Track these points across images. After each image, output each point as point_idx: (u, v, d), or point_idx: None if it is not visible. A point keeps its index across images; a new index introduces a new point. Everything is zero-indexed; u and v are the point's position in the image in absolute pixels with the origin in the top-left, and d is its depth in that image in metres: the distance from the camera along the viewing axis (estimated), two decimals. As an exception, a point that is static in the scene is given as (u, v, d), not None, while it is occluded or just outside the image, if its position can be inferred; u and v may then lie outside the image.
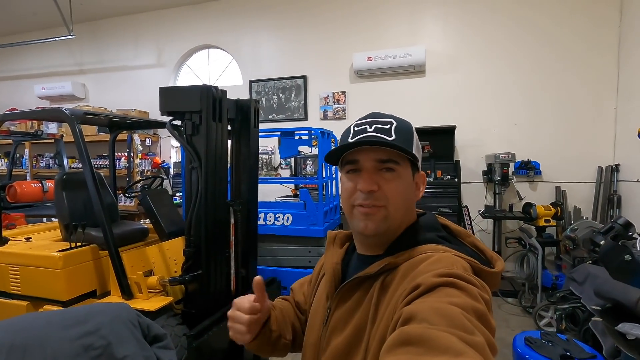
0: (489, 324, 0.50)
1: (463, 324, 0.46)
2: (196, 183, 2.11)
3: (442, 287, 0.53)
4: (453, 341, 0.43)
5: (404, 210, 0.69)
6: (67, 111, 2.20)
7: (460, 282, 0.54)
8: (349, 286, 0.69)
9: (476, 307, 0.50)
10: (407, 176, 0.68)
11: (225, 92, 2.20)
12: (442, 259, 0.60)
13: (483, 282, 0.58)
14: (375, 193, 0.66)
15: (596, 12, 3.94)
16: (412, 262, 0.63)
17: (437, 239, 0.67)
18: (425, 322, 0.46)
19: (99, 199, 2.13)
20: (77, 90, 6.06)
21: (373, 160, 0.67)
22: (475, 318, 0.49)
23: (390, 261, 0.64)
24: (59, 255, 2.21)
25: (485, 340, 0.45)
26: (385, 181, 0.66)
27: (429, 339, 0.43)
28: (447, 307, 0.48)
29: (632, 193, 3.64)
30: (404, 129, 0.68)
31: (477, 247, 0.69)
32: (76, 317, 1.03)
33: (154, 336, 1.22)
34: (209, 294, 2.19)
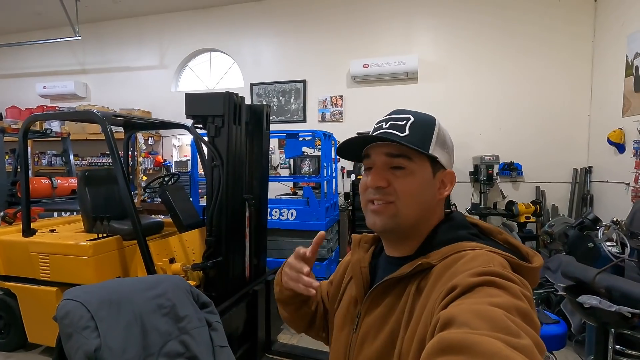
0: (534, 323, 0.47)
1: (507, 326, 0.43)
2: (218, 180, 2.36)
3: (481, 287, 0.50)
4: (498, 346, 0.39)
5: (417, 209, 0.66)
6: (99, 113, 2.41)
7: (500, 281, 0.51)
8: (380, 289, 0.66)
9: (519, 306, 0.47)
10: (423, 173, 0.66)
11: (243, 99, 2.45)
12: (478, 257, 0.57)
13: (523, 279, 0.55)
14: (384, 189, 0.65)
15: (573, 29, 4.32)
16: (446, 262, 0.60)
17: (469, 236, 0.64)
18: (466, 327, 0.43)
19: (128, 194, 2.35)
20: (79, 89, 6.19)
21: (383, 156, 0.66)
22: (520, 318, 0.45)
23: (423, 261, 0.62)
24: (89, 245, 2.43)
25: (532, 342, 0.42)
26: (395, 177, 0.65)
27: (471, 345, 0.40)
28: (489, 308, 0.45)
29: (603, 192, 4.02)
30: (422, 125, 0.67)
31: (510, 244, 0.66)
32: (149, 282, 1.29)
33: (203, 303, 1.49)
34: (227, 279, 2.44)
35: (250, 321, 2.54)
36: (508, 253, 0.60)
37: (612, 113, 3.81)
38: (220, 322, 1.45)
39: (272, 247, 3.51)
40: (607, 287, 1.71)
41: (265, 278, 2.74)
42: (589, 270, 1.83)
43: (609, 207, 3.85)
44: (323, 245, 3.49)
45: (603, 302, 1.68)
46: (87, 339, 0.99)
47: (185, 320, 1.31)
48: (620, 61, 3.67)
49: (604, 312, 1.68)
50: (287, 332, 3.09)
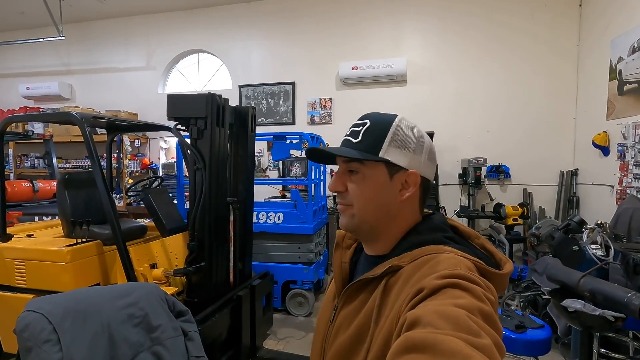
0: (496, 325, 0.49)
1: (469, 326, 0.45)
2: (200, 183, 2.30)
3: (445, 289, 0.52)
4: (460, 345, 0.41)
5: (374, 212, 0.68)
6: (77, 115, 2.34)
7: (464, 283, 0.53)
8: (354, 287, 0.69)
9: (482, 307, 0.49)
10: (377, 177, 0.68)
11: (227, 100, 2.41)
12: (445, 260, 0.59)
13: (488, 283, 0.57)
14: (342, 193, 0.70)
15: (558, 33, 4.38)
16: (415, 264, 0.62)
17: (442, 239, 0.66)
18: (430, 326, 0.45)
19: (108, 197, 2.29)
20: (63, 90, 6.07)
21: (341, 162, 0.71)
22: (481, 319, 0.47)
23: (394, 263, 0.64)
24: (66, 250, 2.35)
25: (492, 342, 0.44)
26: (350, 182, 0.69)
27: (434, 344, 0.42)
28: (452, 309, 0.47)
29: (588, 195, 4.06)
30: (376, 128, 0.69)
31: (486, 249, 0.68)
32: (120, 291, 1.23)
33: (179, 311, 1.43)
34: (210, 284, 2.38)
35: (234, 327, 2.48)
36: (481, 258, 0.62)
37: (597, 116, 3.85)
38: (197, 332, 1.40)
39: (259, 251, 3.46)
40: (591, 290, 1.70)
41: (250, 283, 2.68)
42: (574, 273, 1.83)
43: (594, 209, 3.89)
44: (310, 249, 3.45)
45: (587, 305, 1.67)
46: (47, 354, 0.94)
47: (158, 330, 1.26)
48: (604, 65, 3.72)
49: (588, 316, 1.67)
50: (273, 338, 3.04)
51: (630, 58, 3.30)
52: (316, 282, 3.59)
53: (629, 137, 3.27)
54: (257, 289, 2.67)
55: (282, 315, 3.45)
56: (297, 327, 3.23)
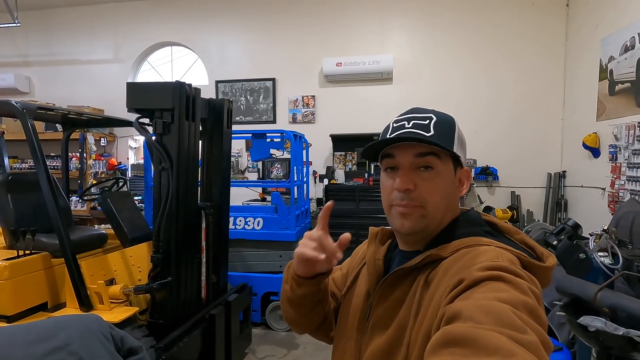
0: (541, 320, 0.47)
1: (512, 321, 0.43)
2: (166, 185, 1.99)
3: (487, 282, 0.50)
4: (502, 341, 0.40)
5: (444, 209, 0.66)
6: (17, 104, 1.98)
7: (508, 276, 0.51)
8: (390, 280, 0.67)
9: (526, 301, 0.47)
10: (448, 173, 0.66)
11: (199, 91, 2.11)
12: (486, 252, 0.57)
13: (532, 276, 0.55)
14: (412, 192, 0.64)
15: (545, 33, 4.30)
16: (455, 256, 0.60)
17: (481, 232, 0.64)
18: (471, 321, 0.44)
19: (54, 202, 1.94)
20: (20, 83, 5.53)
21: (411, 156, 0.64)
22: (526, 314, 0.45)
23: (432, 252, 0.62)
24: (4, 265, 1.99)
25: (538, 339, 0.43)
26: (422, 180, 0.64)
27: (475, 339, 0.41)
28: (494, 303, 0.45)
29: (577, 197, 3.99)
30: (444, 123, 0.66)
31: (526, 244, 0.66)
32: (41, 331, 0.92)
33: (129, 349, 1.12)
34: (178, 302, 2.07)
35: (207, 350, 2.17)
36: (520, 251, 0.60)
37: (586, 117, 3.77)
38: (153, 374, 1.10)
39: (236, 260, 3.15)
40: (611, 306, 1.53)
41: (226, 298, 2.38)
42: (589, 286, 1.65)
43: (584, 212, 3.81)
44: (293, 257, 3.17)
45: (608, 324, 1.49)
46: None
47: (98, 381, 0.94)
48: (594, 65, 3.65)
49: (610, 335, 1.48)
50: (251, 357, 2.74)
51: (622, 57, 3.22)
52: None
53: (621, 138, 3.18)
54: (234, 304, 2.38)
55: (262, 330, 3.15)
56: (278, 344, 2.94)
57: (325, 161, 4.81)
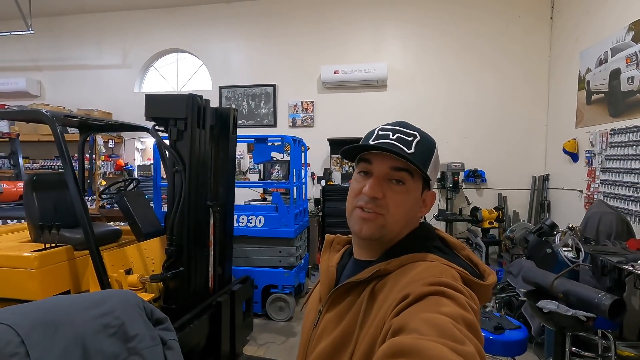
0: (478, 334, 0.50)
1: (453, 333, 0.46)
2: (179, 185, 2.23)
3: (431, 296, 0.53)
4: (444, 351, 0.42)
5: (403, 224, 0.68)
6: (47, 113, 2.23)
7: (450, 291, 0.54)
8: (340, 290, 0.69)
9: (465, 316, 0.50)
10: (416, 192, 0.68)
11: (208, 101, 2.36)
12: (431, 268, 0.60)
13: (472, 292, 0.58)
14: (378, 200, 0.66)
15: (531, 44, 4.57)
16: (402, 270, 0.63)
17: (430, 248, 0.67)
18: (416, 333, 0.46)
19: (80, 200, 2.18)
20: (31, 87, 5.78)
21: (387, 167, 0.66)
22: (465, 327, 0.48)
23: (381, 267, 0.65)
24: (34, 256, 2.23)
25: (475, 350, 0.45)
26: (392, 192, 0.66)
27: (419, 350, 0.43)
28: (437, 316, 0.48)
29: (559, 199, 4.24)
30: (426, 145, 0.68)
31: (471, 260, 0.69)
32: (93, 300, 1.17)
33: (157, 319, 1.37)
34: (189, 290, 2.31)
35: (213, 334, 2.41)
36: (466, 269, 0.63)
37: (567, 124, 4.03)
38: (177, 340, 1.35)
39: (239, 255, 3.40)
40: (565, 291, 1.77)
41: (230, 288, 2.62)
42: (548, 275, 1.89)
43: (565, 213, 4.06)
44: (292, 253, 3.42)
45: (561, 306, 1.74)
46: (14, 368, 0.87)
47: (135, 340, 1.20)
48: (574, 75, 3.91)
49: (562, 316, 1.73)
50: (253, 344, 2.99)
51: (597, 69, 3.48)
52: (297, 287, 3.56)
53: (596, 145, 3.44)
54: (237, 294, 2.62)
55: (262, 321, 3.40)
56: (277, 333, 3.19)
57: (323, 163, 5.07)
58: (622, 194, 3.06)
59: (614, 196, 3.15)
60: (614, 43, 3.23)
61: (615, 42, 3.22)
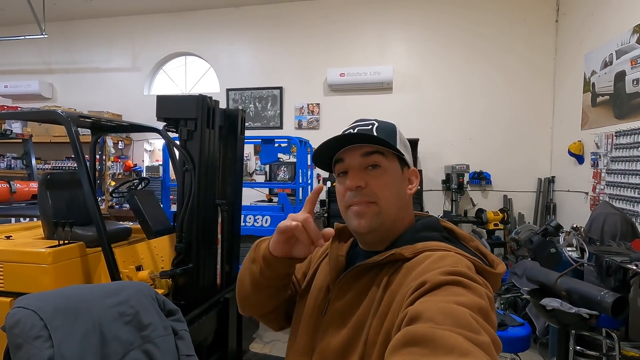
0: (493, 322, 0.51)
1: (469, 323, 0.46)
2: (189, 184, 2.30)
3: (448, 286, 0.53)
4: (459, 341, 0.43)
5: (397, 205, 0.69)
6: (63, 114, 2.30)
7: (466, 281, 0.54)
8: (350, 275, 0.68)
9: (481, 305, 0.51)
10: (395, 170, 0.69)
11: (217, 102, 2.42)
12: (446, 257, 0.60)
13: (485, 281, 0.59)
14: (363, 189, 0.67)
15: (536, 46, 4.58)
16: (417, 259, 0.63)
17: (440, 238, 0.68)
18: (431, 322, 0.46)
19: (93, 198, 2.25)
20: (44, 89, 5.91)
21: (358, 156, 0.68)
22: (481, 317, 0.49)
23: (396, 251, 0.64)
24: (48, 252, 2.29)
25: (490, 339, 0.46)
26: (371, 178, 0.67)
27: (434, 339, 0.43)
28: (453, 306, 0.48)
29: (564, 201, 4.24)
30: (386, 128, 0.71)
31: (480, 251, 0.70)
32: (110, 289, 1.23)
33: (169, 310, 1.43)
34: (197, 286, 2.37)
35: (220, 330, 2.47)
36: (475, 258, 0.64)
37: (572, 126, 4.04)
38: (187, 331, 1.40)
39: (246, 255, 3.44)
40: (568, 289, 1.79)
41: (238, 286, 2.67)
42: (551, 274, 1.91)
43: (570, 215, 4.06)
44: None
45: (564, 304, 1.76)
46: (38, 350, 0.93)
47: (149, 329, 1.25)
48: (579, 78, 3.92)
49: (565, 313, 1.75)
50: (259, 342, 3.03)
51: (602, 72, 3.50)
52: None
53: (601, 147, 3.45)
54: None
55: (268, 319, 3.44)
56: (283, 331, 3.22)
57: (329, 165, 5.10)
58: (627, 195, 3.06)
59: (620, 198, 3.15)
60: (619, 45, 3.24)
61: (620, 44, 3.23)
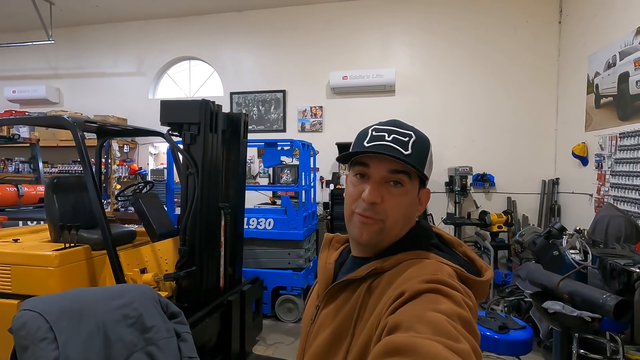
0: (474, 331, 0.50)
1: (448, 331, 0.46)
2: (192, 188, 2.32)
3: (426, 294, 0.53)
4: (439, 349, 0.42)
5: (402, 224, 0.68)
6: (69, 119, 2.35)
7: (445, 289, 0.54)
8: (337, 287, 0.69)
9: (461, 313, 0.50)
10: (413, 192, 0.68)
11: (220, 107, 2.45)
12: (427, 266, 0.60)
13: (467, 289, 0.58)
14: (377, 206, 0.65)
15: (539, 48, 4.57)
16: (397, 268, 0.63)
17: (427, 245, 0.67)
18: (411, 331, 0.46)
19: (99, 202, 2.29)
20: (51, 94, 6.00)
21: (385, 170, 0.65)
22: (460, 325, 0.48)
23: (377, 265, 0.65)
24: (54, 254, 2.33)
25: (470, 348, 0.45)
26: (390, 195, 0.66)
27: (414, 348, 0.43)
28: (432, 314, 0.48)
29: (569, 203, 4.21)
30: (422, 144, 0.67)
31: (468, 257, 0.69)
32: (114, 292, 1.25)
33: (172, 313, 1.45)
34: (201, 289, 2.39)
35: (224, 332, 2.48)
36: (463, 265, 0.64)
37: (576, 128, 4.02)
38: (190, 333, 1.42)
39: (249, 257, 3.47)
40: (570, 292, 1.78)
41: (241, 288, 2.69)
42: (554, 276, 1.91)
43: (574, 217, 4.03)
44: (300, 255, 3.48)
45: (566, 307, 1.75)
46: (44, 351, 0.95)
47: (152, 331, 1.27)
48: (583, 79, 3.90)
49: (567, 317, 1.75)
50: (262, 344, 3.04)
51: (606, 73, 3.48)
52: (305, 288, 3.61)
53: (605, 148, 3.43)
54: (247, 294, 2.69)
55: (272, 322, 3.46)
56: (286, 333, 3.24)
57: (331, 167, 5.13)
58: (632, 197, 3.04)
59: (624, 200, 3.13)
60: (622, 47, 3.23)
61: (623, 45, 3.22)
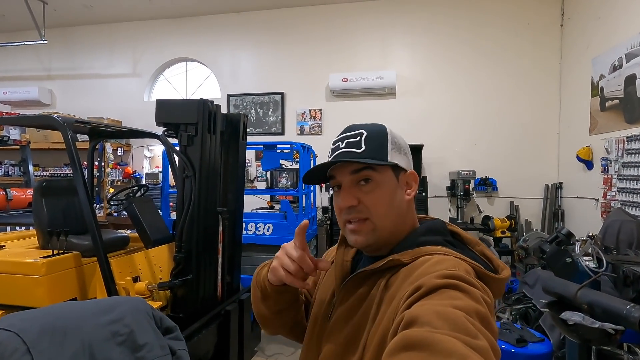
0: (492, 328, 0.50)
1: (466, 327, 0.45)
2: (189, 191, 2.21)
3: (444, 289, 0.52)
4: (457, 345, 0.42)
5: (393, 216, 0.69)
6: (59, 118, 2.22)
7: (463, 284, 0.53)
8: (353, 281, 0.69)
9: (479, 310, 0.50)
10: (389, 181, 0.68)
11: (219, 107, 2.34)
12: (444, 261, 0.60)
13: (485, 286, 0.58)
14: (356, 207, 0.67)
15: (541, 51, 4.53)
16: (415, 263, 0.63)
17: (442, 242, 0.67)
18: (428, 326, 0.45)
19: (89, 206, 2.16)
20: (43, 96, 5.85)
21: (348, 174, 0.68)
22: (478, 321, 0.48)
23: (394, 257, 0.65)
24: (42, 262, 2.19)
25: (488, 344, 0.45)
26: (364, 194, 0.67)
27: (431, 343, 0.43)
28: (450, 310, 0.48)
29: (573, 207, 4.14)
30: (375, 136, 0.68)
31: (485, 256, 0.68)
32: (103, 306, 1.13)
33: (166, 328, 1.32)
34: (197, 298, 2.26)
35: (221, 344, 2.36)
36: (477, 262, 0.63)
37: (580, 131, 3.96)
38: (186, 350, 1.30)
39: (247, 264, 3.33)
40: (590, 302, 1.69)
41: (239, 297, 2.57)
42: (570, 285, 1.81)
43: (579, 222, 3.96)
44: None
45: (586, 318, 1.66)
46: (19, 377, 0.83)
47: (144, 349, 1.15)
48: (586, 82, 3.85)
49: (587, 328, 1.65)
50: (261, 355, 2.91)
51: (611, 76, 3.43)
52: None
53: (612, 152, 3.36)
54: (246, 303, 2.56)
55: (270, 331, 3.33)
56: (285, 344, 3.11)
57: (331, 171, 5.02)
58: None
59: (633, 204, 3.06)
60: (629, 49, 3.18)
61: (629, 47, 3.17)
